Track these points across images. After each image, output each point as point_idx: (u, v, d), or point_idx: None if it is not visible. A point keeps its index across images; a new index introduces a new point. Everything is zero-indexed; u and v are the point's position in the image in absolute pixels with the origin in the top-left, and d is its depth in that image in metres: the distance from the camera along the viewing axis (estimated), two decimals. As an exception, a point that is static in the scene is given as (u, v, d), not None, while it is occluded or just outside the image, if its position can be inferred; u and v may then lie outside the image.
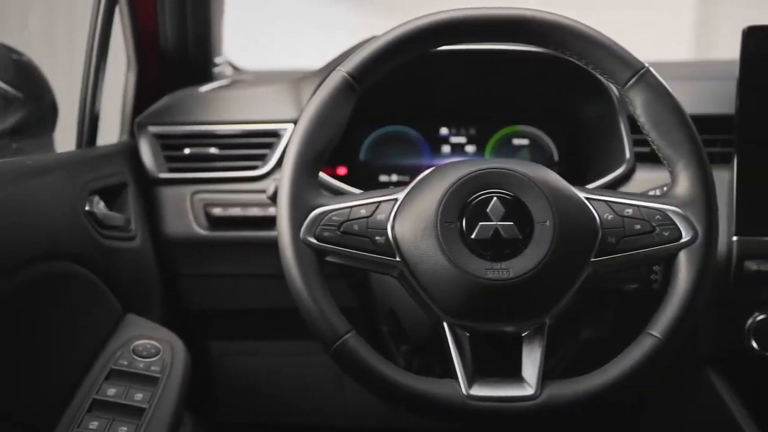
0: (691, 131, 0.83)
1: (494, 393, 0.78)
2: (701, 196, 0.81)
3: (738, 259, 1.03)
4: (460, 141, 1.33)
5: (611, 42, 0.85)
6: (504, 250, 0.79)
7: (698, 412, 1.15)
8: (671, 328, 0.78)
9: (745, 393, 1.08)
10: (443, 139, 1.34)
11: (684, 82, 1.23)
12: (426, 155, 1.34)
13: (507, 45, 1.21)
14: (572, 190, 0.83)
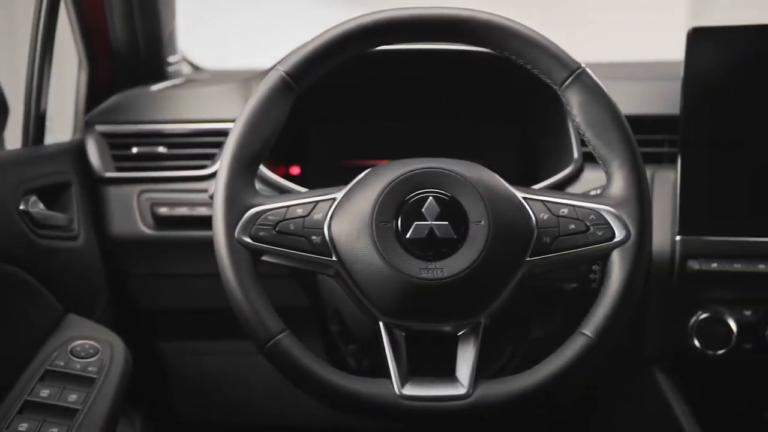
0: (625, 132, 0.83)
1: (426, 392, 0.78)
2: (634, 195, 0.81)
3: (681, 259, 1.04)
4: (416, 139, 1.33)
5: (548, 42, 0.85)
6: (438, 249, 0.79)
7: (644, 412, 1.15)
8: (603, 327, 0.78)
9: (688, 392, 1.09)
10: (399, 137, 1.34)
11: (635, 82, 1.24)
12: (381, 153, 1.33)
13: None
14: (509, 189, 0.83)
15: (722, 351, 1.03)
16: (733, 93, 1.05)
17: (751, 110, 1.04)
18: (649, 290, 1.09)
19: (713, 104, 1.05)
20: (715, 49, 1.06)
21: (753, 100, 1.04)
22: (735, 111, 1.04)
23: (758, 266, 1.01)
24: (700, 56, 1.06)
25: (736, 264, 1.02)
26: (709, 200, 1.04)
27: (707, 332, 1.04)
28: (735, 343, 1.03)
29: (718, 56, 1.06)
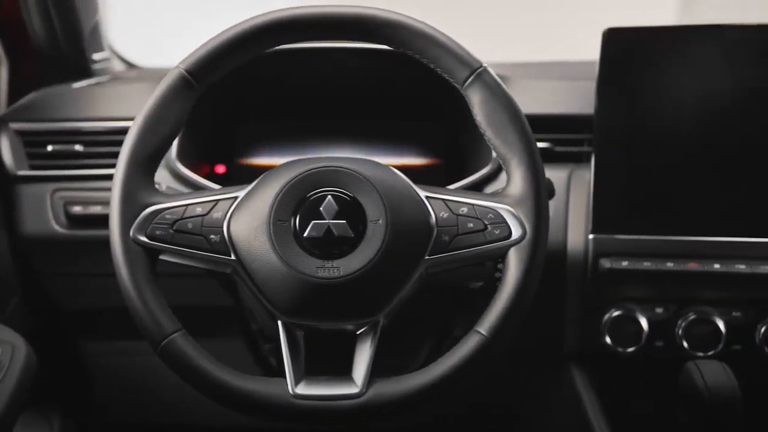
0: (524, 131, 0.83)
1: (319, 392, 0.78)
2: (530, 194, 0.82)
3: (594, 257, 1.05)
4: (342, 137, 1.33)
5: (450, 41, 0.85)
6: (336, 248, 0.79)
7: (559, 409, 1.16)
8: (497, 326, 0.79)
9: (601, 389, 1.10)
10: (325, 135, 1.33)
11: (558, 81, 1.25)
12: (307, 151, 1.33)
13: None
14: (411, 188, 0.84)
15: (632, 349, 1.05)
16: (647, 93, 1.06)
17: (663, 111, 1.05)
18: (565, 288, 1.10)
19: (627, 104, 1.06)
20: (630, 49, 1.07)
21: (665, 100, 1.05)
22: (647, 111, 1.05)
23: (667, 264, 1.02)
24: (615, 56, 1.07)
25: (645, 262, 1.03)
26: (622, 199, 1.05)
27: (618, 330, 1.05)
28: (646, 341, 1.05)
29: (633, 56, 1.07)
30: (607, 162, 1.06)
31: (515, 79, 1.23)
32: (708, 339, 1.02)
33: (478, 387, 1.31)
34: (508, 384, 1.28)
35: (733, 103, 1.03)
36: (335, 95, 1.28)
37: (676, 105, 1.05)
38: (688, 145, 1.04)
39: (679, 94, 1.05)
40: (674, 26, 1.07)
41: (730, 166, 1.03)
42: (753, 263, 1.00)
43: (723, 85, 1.04)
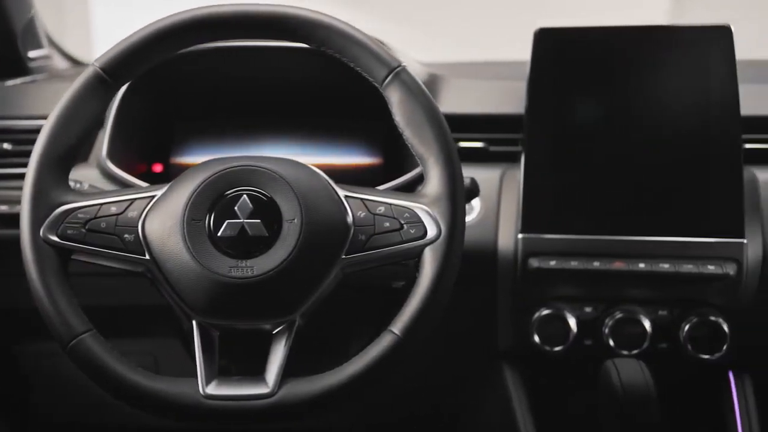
0: (441, 130, 0.83)
1: (230, 392, 0.77)
2: (447, 193, 0.82)
3: (523, 257, 1.05)
4: (284, 136, 1.32)
5: (369, 40, 0.85)
6: (250, 248, 0.79)
7: (493, 410, 1.16)
8: (410, 325, 0.79)
9: (530, 388, 1.10)
10: (266, 134, 1.32)
11: (495, 81, 1.25)
12: (246, 151, 1.32)
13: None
14: (330, 187, 0.84)
15: (560, 348, 1.05)
16: (575, 93, 1.06)
17: (591, 112, 1.06)
18: (497, 288, 1.10)
19: (555, 104, 1.07)
20: (560, 49, 1.07)
21: (594, 101, 1.06)
22: (575, 112, 1.06)
23: (593, 264, 1.03)
24: (546, 56, 1.08)
25: (573, 262, 1.03)
26: (550, 199, 1.05)
27: (547, 329, 1.05)
28: (574, 340, 1.05)
29: (563, 57, 1.07)
30: (537, 162, 1.07)
31: (450, 78, 1.24)
32: (634, 337, 1.03)
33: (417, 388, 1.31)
34: (445, 384, 1.28)
35: (658, 104, 1.04)
36: (277, 94, 1.27)
37: (603, 105, 1.05)
38: (613, 145, 1.05)
39: (607, 95, 1.05)
40: (603, 27, 1.08)
41: (654, 167, 1.03)
42: (677, 262, 1.01)
43: (649, 87, 1.05)
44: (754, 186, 1.06)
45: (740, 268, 1.00)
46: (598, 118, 1.06)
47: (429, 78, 1.21)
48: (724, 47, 1.03)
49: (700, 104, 1.03)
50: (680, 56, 1.04)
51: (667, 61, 1.05)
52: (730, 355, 1.03)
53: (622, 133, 1.05)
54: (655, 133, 1.04)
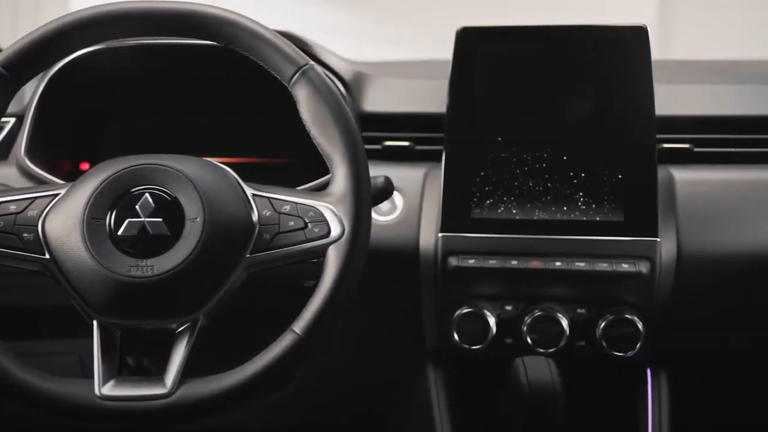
0: (347, 128, 0.83)
1: (126, 392, 0.77)
2: (351, 192, 0.82)
3: (442, 256, 1.05)
4: (211, 135, 1.32)
5: (276, 38, 0.85)
6: (150, 247, 0.79)
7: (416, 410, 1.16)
8: (311, 324, 0.79)
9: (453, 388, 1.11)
10: (199, 135, 1.32)
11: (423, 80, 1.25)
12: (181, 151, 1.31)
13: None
14: (236, 186, 0.84)
15: (479, 346, 1.05)
16: (496, 93, 1.07)
17: (510, 111, 1.06)
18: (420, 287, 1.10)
19: (475, 103, 1.07)
20: (482, 48, 1.08)
21: (513, 100, 1.06)
22: (496, 111, 1.07)
23: (511, 263, 1.03)
24: (466, 55, 1.08)
25: (491, 260, 1.04)
26: (470, 198, 1.06)
27: (466, 327, 1.05)
28: (494, 339, 1.05)
29: (484, 55, 1.08)
30: (456, 161, 1.07)
31: (376, 77, 1.24)
32: (552, 336, 1.03)
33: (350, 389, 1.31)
34: (376, 385, 1.28)
35: (575, 103, 1.05)
36: (205, 93, 1.27)
37: (522, 105, 1.06)
38: (530, 145, 1.05)
39: (526, 94, 1.06)
40: (523, 26, 1.08)
41: (570, 166, 1.04)
42: (592, 261, 1.02)
43: (568, 86, 1.05)
44: (670, 185, 1.08)
45: (653, 266, 1.01)
46: (516, 117, 1.06)
47: (355, 76, 1.21)
48: (641, 47, 1.04)
49: (616, 104, 1.04)
50: (598, 56, 1.05)
51: (585, 61, 1.05)
52: (646, 353, 1.04)
53: (540, 133, 1.06)
54: (572, 133, 1.05)
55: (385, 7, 2.54)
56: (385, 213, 1.13)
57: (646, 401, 1.05)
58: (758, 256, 1.05)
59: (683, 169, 1.10)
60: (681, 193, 1.07)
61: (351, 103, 1.19)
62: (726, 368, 1.18)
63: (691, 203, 1.07)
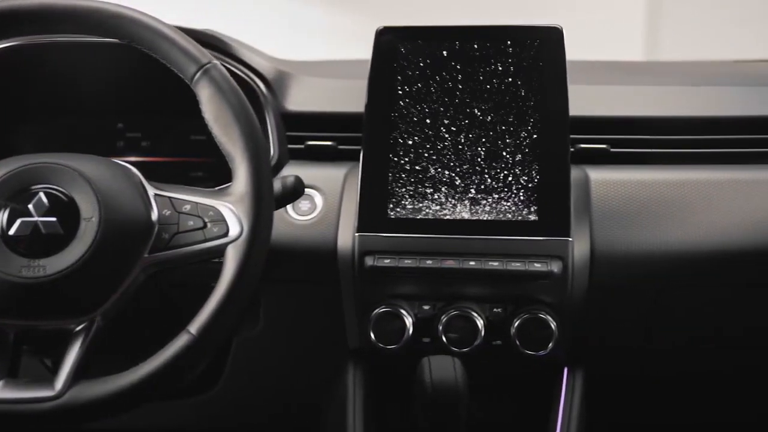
0: (249, 128, 0.83)
1: (14, 395, 0.76)
2: (250, 191, 0.82)
3: (359, 255, 1.05)
4: (136, 136, 1.30)
5: (179, 36, 0.85)
6: (43, 247, 0.78)
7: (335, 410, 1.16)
8: (206, 325, 0.78)
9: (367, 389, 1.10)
10: (118, 134, 1.30)
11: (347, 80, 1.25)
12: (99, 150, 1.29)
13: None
14: (138, 185, 0.83)
15: (395, 346, 1.05)
16: (412, 93, 1.07)
17: (426, 111, 1.07)
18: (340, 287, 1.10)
19: (393, 103, 1.07)
20: (400, 48, 1.08)
21: (429, 100, 1.07)
22: (412, 111, 1.07)
23: (426, 262, 1.03)
24: (385, 55, 1.08)
25: (406, 260, 1.04)
26: (386, 198, 1.06)
27: (382, 327, 1.05)
28: (411, 338, 1.05)
29: (402, 55, 1.08)
30: (373, 161, 1.07)
31: (300, 76, 1.23)
32: (467, 335, 1.04)
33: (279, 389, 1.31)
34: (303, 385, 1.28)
35: (490, 103, 1.05)
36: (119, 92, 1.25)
37: (438, 105, 1.06)
38: (445, 145, 1.06)
39: (442, 94, 1.06)
40: (440, 26, 1.09)
41: (485, 166, 1.05)
42: (505, 260, 1.02)
43: (484, 86, 1.06)
44: (585, 186, 1.08)
45: (566, 266, 1.02)
46: (431, 117, 1.06)
47: (278, 75, 1.21)
48: (556, 48, 1.05)
49: (531, 104, 1.05)
50: (515, 56, 1.06)
51: (502, 61, 1.06)
52: (561, 352, 1.05)
53: (457, 133, 1.06)
54: (488, 133, 1.05)
55: (381, 8, 2.55)
56: (305, 213, 1.12)
57: (559, 399, 1.06)
58: (671, 256, 1.06)
59: (599, 169, 1.11)
60: (596, 193, 1.08)
61: (273, 103, 1.19)
62: (644, 369, 1.19)
63: (605, 203, 1.07)
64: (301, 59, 1.36)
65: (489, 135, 1.05)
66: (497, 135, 1.05)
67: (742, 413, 1.28)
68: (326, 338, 1.18)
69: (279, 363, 1.27)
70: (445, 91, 1.07)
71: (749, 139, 1.14)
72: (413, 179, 1.06)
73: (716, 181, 1.09)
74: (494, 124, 1.05)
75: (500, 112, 1.05)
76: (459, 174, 1.05)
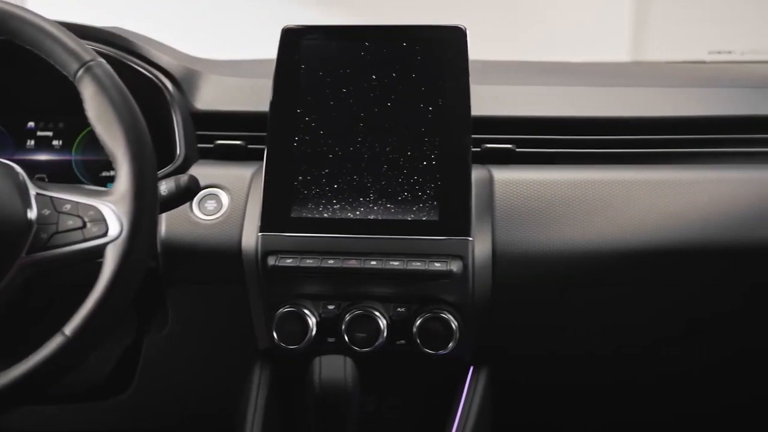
0: (132, 127, 0.82)
1: None
2: (132, 191, 0.81)
3: (262, 255, 1.05)
4: (47, 135, 1.28)
5: (62, 33, 0.83)
6: None
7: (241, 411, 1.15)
8: (81, 326, 0.77)
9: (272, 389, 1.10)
10: (29, 134, 1.28)
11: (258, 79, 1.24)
12: (8, 150, 1.27)
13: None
14: (20, 185, 0.82)
15: (297, 345, 1.04)
16: (316, 92, 1.07)
17: (329, 110, 1.06)
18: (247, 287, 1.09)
19: (296, 102, 1.07)
20: (304, 47, 1.08)
21: (332, 100, 1.06)
22: (315, 110, 1.07)
23: (328, 262, 1.03)
24: (290, 54, 1.08)
25: (308, 260, 1.03)
26: (288, 197, 1.05)
27: (285, 326, 1.05)
28: (315, 338, 1.05)
29: (306, 55, 1.08)
30: (276, 160, 1.06)
31: (210, 75, 1.22)
32: (369, 334, 1.04)
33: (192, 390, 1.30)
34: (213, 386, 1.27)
35: (393, 103, 1.06)
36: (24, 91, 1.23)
37: (341, 104, 1.06)
38: (348, 145, 1.05)
39: (345, 94, 1.06)
40: (343, 26, 1.09)
41: (388, 166, 1.05)
42: (406, 260, 1.02)
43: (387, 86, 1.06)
44: (488, 185, 1.09)
45: (466, 265, 1.02)
46: (335, 116, 1.06)
47: (187, 74, 1.20)
48: (458, 48, 1.06)
49: (433, 104, 1.05)
50: (417, 55, 1.06)
51: (404, 60, 1.06)
52: (464, 351, 1.05)
53: (360, 132, 1.06)
54: (391, 132, 1.05)
55: (375, 8, 2.55)
56: (211, 212, 1.11)
57: (460, 399, 1.07)
58: (573, 255, 1.07)
59: (504, 169, 1.11)
60: (499, 193, 1.09)
61: (181, 101, 1.18)
62: (553, 370, 1.20)
63: (508, 203, 1.08)
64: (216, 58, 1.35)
65: (392, 135, 1.05)
66: (400, 135, 1.05)
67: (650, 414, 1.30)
68: (237, 339, 1.17)
69: (191, 364, 1.26)
70: (348, 90, 1.07)
71: (653, 139, 1.15)
72: (317, 179, 1.05)
73: (620, 181, 1.10)
74: (397, 124, 1.05)
75: (403, 112, 1.06)
76: (362, 173, 1.05)
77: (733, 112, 1.16)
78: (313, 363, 0.92)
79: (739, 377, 1.25)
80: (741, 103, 1.17)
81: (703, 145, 1.14)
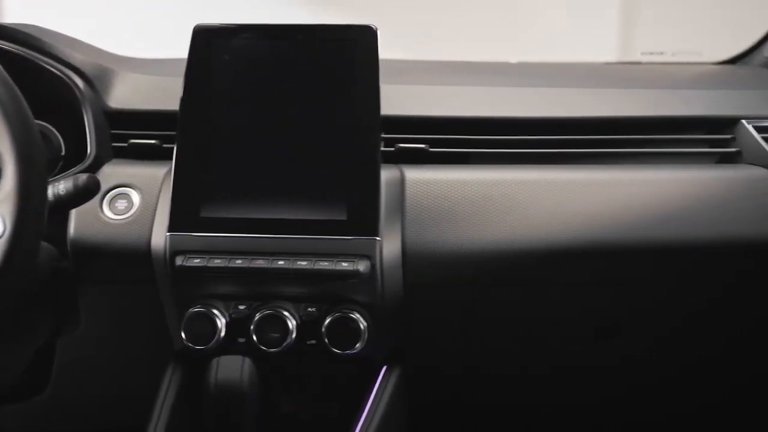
0: (19, 125, 0.81)
1: None
2: (16, 192, 0.79)
3: (170, 255, 1.04)
4: None
5: None
6: None
7: None
8: None
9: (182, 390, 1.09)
10: None
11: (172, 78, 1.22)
12: None
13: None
14: None
15: (205, 346, 1.04)
16: (225, 91, 1.06)
17: (238, 110, 1.06)
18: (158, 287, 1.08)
19: (205, 101, 1.06)
20: (214, 46, 1.07)
21: (241, 99, 1.06)
22: (224, 109, 1.06)
23: (236, 262, 1.02)
24: (200, 53, 1.07)
25: (216, 260, 1.03)
26: (196, 197, 1.04)
27: (194, 327, 1.04)
28: (225, 338, 1.04)
29: (215, 54, 1.07)
30: (185, 159, 1.05)
31: (124, 73, 1.21)
32: (278, 334, 1.03)
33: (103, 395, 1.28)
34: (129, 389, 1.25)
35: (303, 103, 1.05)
36: None
37: (249, 103, 1.05)
38: (256, 145, 1.05)
39: (253, 93, 1.06)
40: (252, 25, 1.08)
41: (296, 165, 1.04)
42: (314, 260, 1.02)
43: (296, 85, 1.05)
44: (399, 185, 1.09)
45: (374, 265, 1.02)
46: (243, 116, 1.06)
47: (100, 72, 1.19)
48: (368, 48, 1.05)
49: (342, 103, 1.05)
50: (327, 55, 1.06)
51: (314, 59, 1.06)
52: (372, 350, 1.05)
53: (266, 133, 1.05)
54: (301, 131, 1.05)
55: (367, 8, 2.55)
56: (121, 212, 1.10)
57: (368, 398, 1.07)
58: (484, 254, 1.08)
59: (417, 169, 1.11)
60: (410, 192, 1.09)
61: (93, 99, 1.16)
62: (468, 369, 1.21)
63: (419, 202, 1.08)
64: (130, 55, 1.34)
65: (301, 134, 1.05)
66: (310, 134, 1.05)
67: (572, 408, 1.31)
68: (153, 340, 1.16)
69: (106, 365, 1.24)
70: (259, 89, 1.06)
71: (566, 140, 1.16)
72: (227, 178, 1.05)
73: (531, 181, 1.11)
74: (307, 124, 1.05)
75: (313, 112, 1.05)
76: (272, 173, 1.04)
77: (640, 113, 1.17)
78: (210, 364, 0.91)
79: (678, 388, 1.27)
80: (648, 104, 1.18)
81: (612, 146, 1.16)
